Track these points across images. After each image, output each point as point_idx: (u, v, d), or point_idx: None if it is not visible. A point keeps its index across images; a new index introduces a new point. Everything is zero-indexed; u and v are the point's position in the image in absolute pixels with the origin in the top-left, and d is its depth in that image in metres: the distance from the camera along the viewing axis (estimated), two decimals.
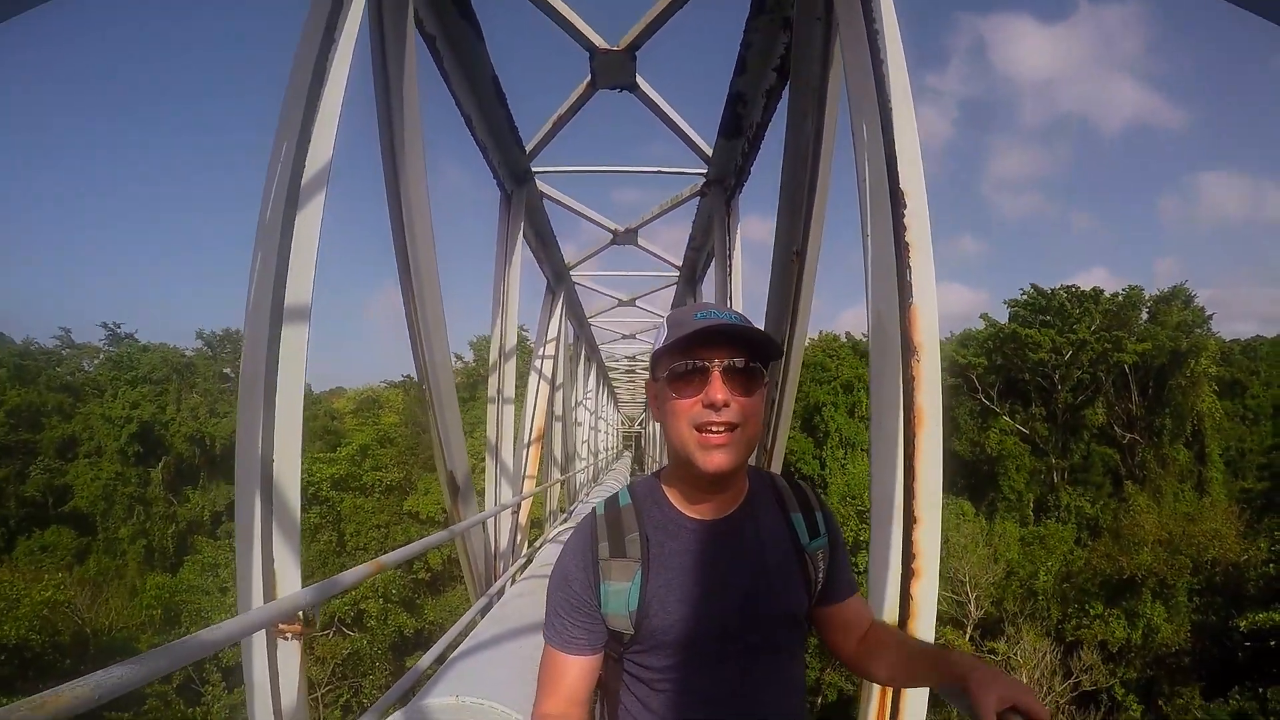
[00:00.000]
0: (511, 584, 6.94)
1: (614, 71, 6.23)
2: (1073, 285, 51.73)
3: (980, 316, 55.70)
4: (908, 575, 3.10)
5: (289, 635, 3.16)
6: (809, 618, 1.97)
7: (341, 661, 32.30)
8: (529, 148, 7.52)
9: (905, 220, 3.09)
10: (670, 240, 12.09)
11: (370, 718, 3.39)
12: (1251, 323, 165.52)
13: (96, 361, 57.88)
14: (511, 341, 8.23)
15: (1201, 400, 47.39)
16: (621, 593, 1.76)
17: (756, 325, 1.87)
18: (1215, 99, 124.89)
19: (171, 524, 48.98)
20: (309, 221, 3.28)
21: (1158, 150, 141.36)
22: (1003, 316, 53.43)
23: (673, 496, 1.86)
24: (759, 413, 1.76)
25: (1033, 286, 52.52)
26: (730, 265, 8.27)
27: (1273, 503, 42.75)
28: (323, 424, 56.51)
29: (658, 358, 1.82)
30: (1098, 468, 47.72)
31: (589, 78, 6.39)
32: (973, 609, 33.86)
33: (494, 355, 8.22)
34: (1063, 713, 29.29)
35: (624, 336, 21.91)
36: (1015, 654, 30.35)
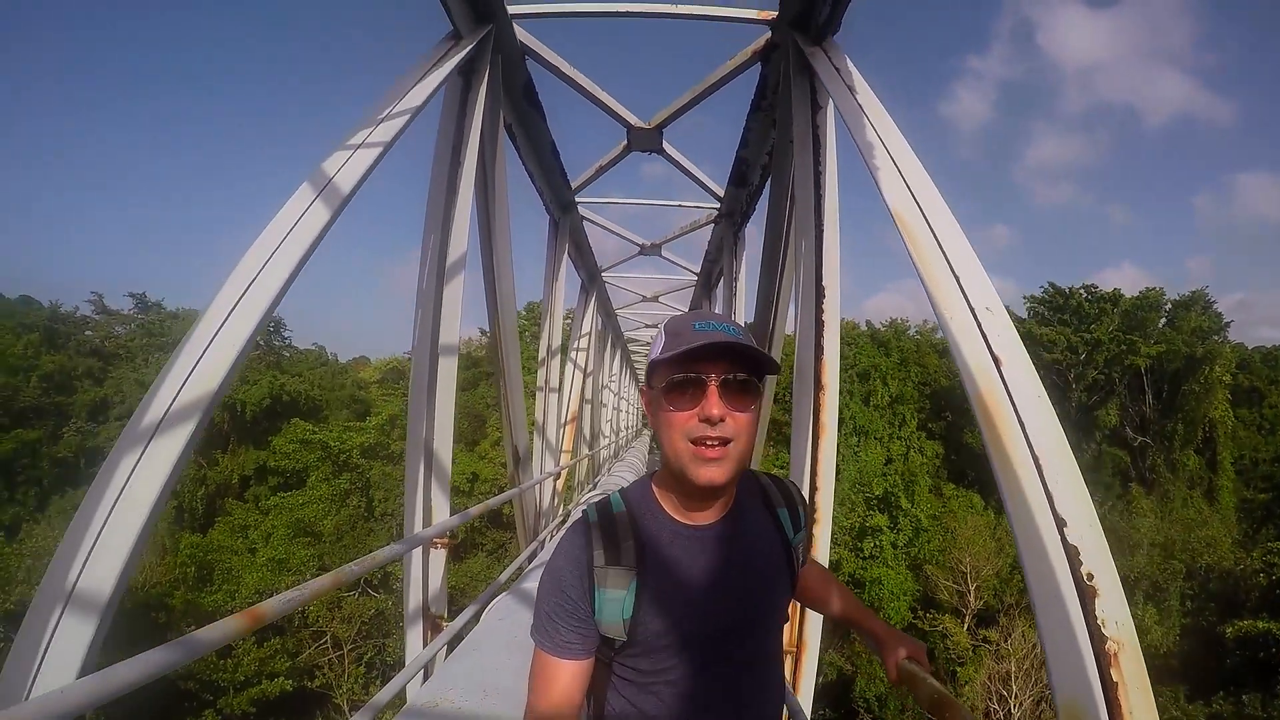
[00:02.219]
0: (550, 538, 9.09)
1: (645, 141, 8.24)
2: (1092, 285, 52.85)
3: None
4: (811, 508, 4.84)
5: (439, 546, 5.30)
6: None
7: (367, 620, 34.26)
8: (574, 184, 9.65)
9: (824, 306, 5.14)
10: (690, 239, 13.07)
11: (468, 614, 5.48)
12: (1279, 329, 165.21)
13: (129, 328, 59.83)
14: (557, 341, 10.42)
15: (1215, 407, 48.42)
16: (617, 600, 1.77)
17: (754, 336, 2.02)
18: (1260, 97, 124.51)
19: (201, 486, 50.73)
20: (452, 297, 5.40)
21: (1198, 146, 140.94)
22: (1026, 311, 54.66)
23: (665, 503, 1.87)
24: (753, 427, 1.78)
25: (1051, 284, 53.79)
26: (735, 285, 10.46)
27: (1272, 514, 43.86)
28: (349, 393, 58.64)
29: (655, 367, 1.82)
30: (1108, 469, 48.85)
31: (625, 143, 8.40)
32: (972, 599, 35.53)
33: (542, 352, 10.40)
34: (1049, 703, 30.99)
35: (646, 326, 24.22)
36: (1007, 643, 31.86)
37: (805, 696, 5.00)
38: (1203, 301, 52.20)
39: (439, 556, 5.44)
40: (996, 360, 2.83)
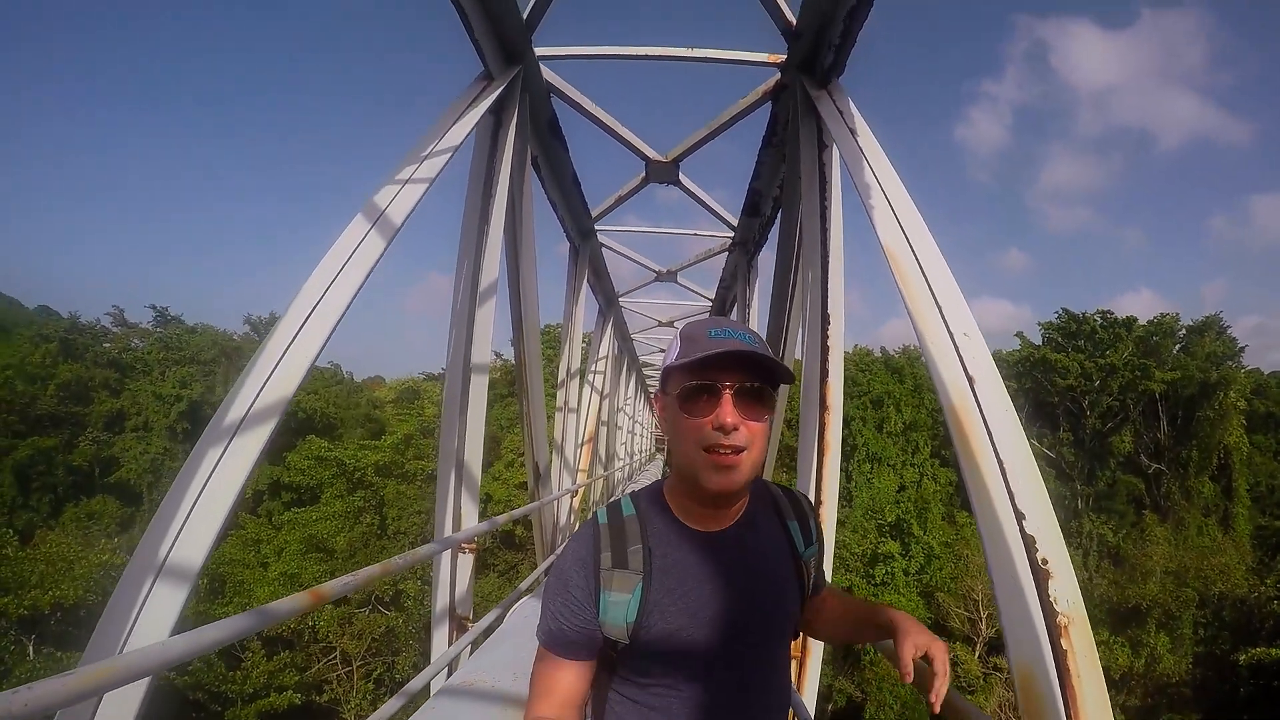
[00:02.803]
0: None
1: (662, 174, 8.70)
2: (1107, 311, 52.81)
3: (1015, 335, 56.96)
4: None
5: (466, 550, 5.72)
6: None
7: (377, 637, 34.50)
8: (594, 212, 10.12)
9: (829, 332, 5.57)
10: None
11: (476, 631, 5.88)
12: None
13: (146, 342, 60.60)
14: (576, 364, 10.88)
15: (1229, 434, 48.05)
16: (621, 604, 1.77)
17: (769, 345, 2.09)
18: (1274, 115, 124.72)
19: None
20: (484, 321, 5.84)
21: (1213, 168, 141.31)
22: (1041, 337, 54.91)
23: (675, 508, 1.88)
24: (767, 435, 1.80)
25: (1065, 310, 53.81)
26: (749, 312, 10.89)
27: None
28: (364, 411, 59.26)
29: (669, 373, 1.82)
30: (1122, 496, 48.81)
31: (643, 175, 8.85)
32: (983, 627, 35.66)
33: (561, 374, 10.86)
34: None
35: (661, 350, 24.65)
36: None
37: (809, 698, 5.36)
38: (1217, 327, 52.13)
39: (466, 561, 5.87)
40: (971, 379, 3.25)
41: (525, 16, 5.80)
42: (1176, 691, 33.57)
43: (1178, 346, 52.17)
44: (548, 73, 6.93)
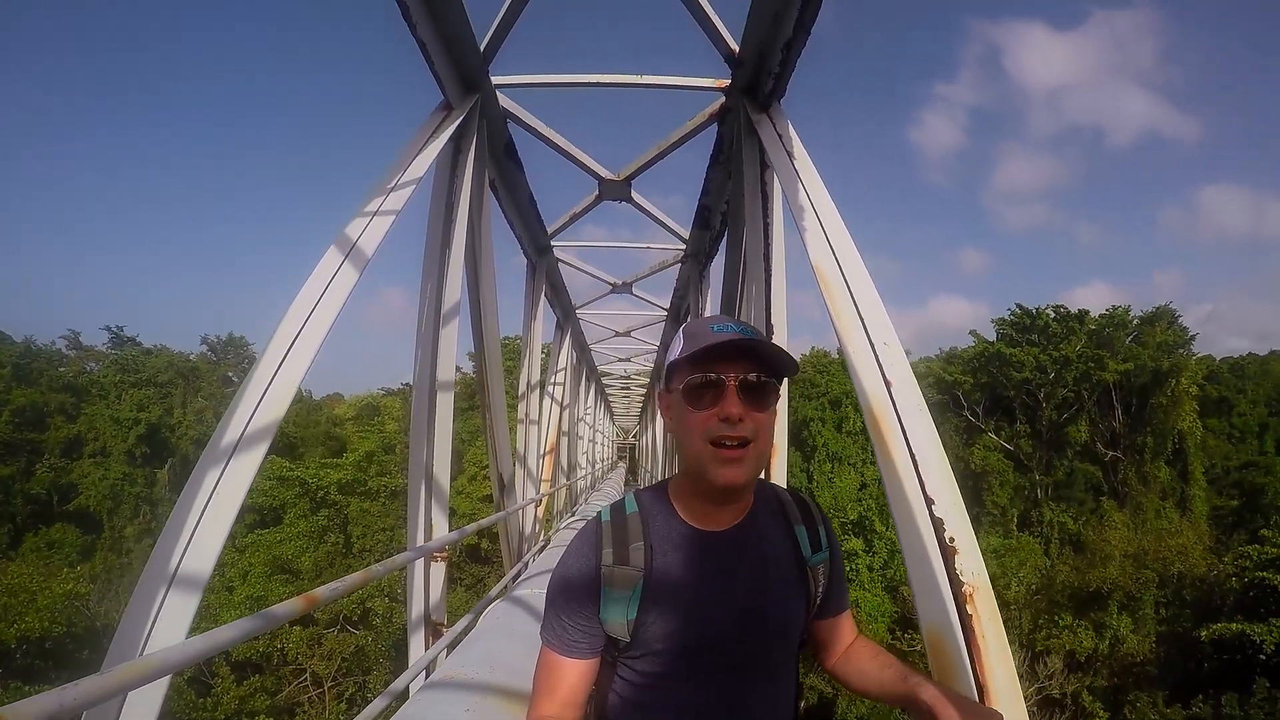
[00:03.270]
0: (533, 560, 9.83)
1: (615, 191, 9.04)
2: (1060, 305, 54.16)
3: (969, 333, 58.16)
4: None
5: (439, 559, 6.05)
6: (804, 630, 2.02)
7: (347, 657, 34.49)
8: (550, 228, 10.47)
9: (773, 341, 5.92)
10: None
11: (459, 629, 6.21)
12: (1247, 339, 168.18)
13: (102, 364, 60.09)
14: (536, 376, 11.23)
15: (1182, 419, 49.63)
16: (622, 601, 1.79)
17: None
18: (1221, 111, 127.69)
19: None
20: (447, 339, 6.18)
21: (1163, 162, 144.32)
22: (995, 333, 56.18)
23: (679, 507, 1.89)
24: (772, 427, 1.82)
25: (1019, 306, 55.12)
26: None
27: (1243, 519, 45.12)
28: (324, 430, 59.11)
29: (673, 369, 1.85)
30: (1080, 484, 50.25)
31: (597, 193, 9.21)
32: None
33: (521, 386, 11.21)
34: (1030, 715, 31.66)
35: (619, 360, 25.14)
36: None
37: None
38: (1168, 317, 53.72)
39: (439, 569, 6.19)
40: (888, 383, 3.64)
41: (482, 48, 6.11)
42: (1142, 670, 34.30)
43: (1130, 337, 53.48)
44: (504, 99, 7.21)
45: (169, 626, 3.20)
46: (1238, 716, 28.77)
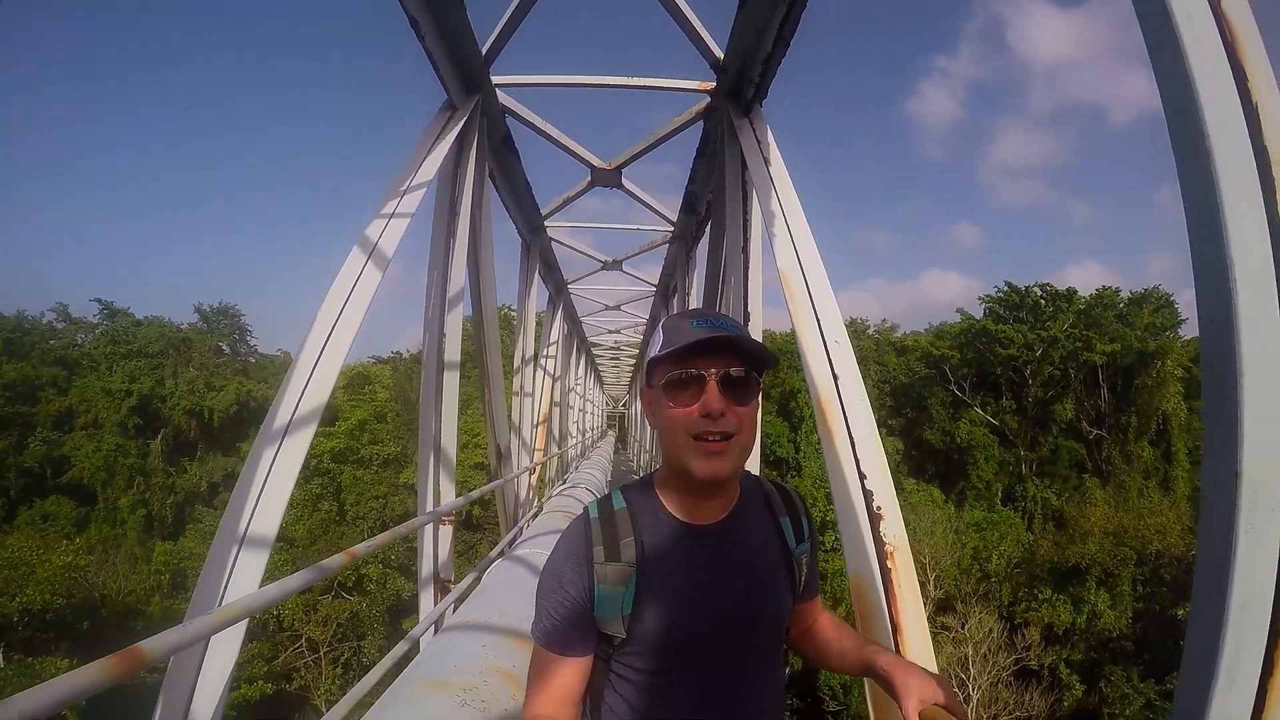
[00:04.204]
0: (528, 525, 10.51)
1: (606, 179, 9.66)
2: (1048, 284, 54.83)
3: (956, 310, 58.74)
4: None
5: (446, 522, 6.71)
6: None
7: (343, 623, 35.20)
8: (544, 210, 11.08)
9: (749, 327, 6.58)
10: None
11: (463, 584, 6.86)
12: None
13: (92, 336, 60.26)
14: (530, 350, 11.88)
15: (1167, 401, 50.32)
16: (615, 597, 1.80)
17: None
18: None
19: (170, 494, 51.65)
20: (453, 323, 6.81)
21: (1163, 141, 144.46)
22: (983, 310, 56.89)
23: (666, 501, 1.91)
24: (754, 420, 1.84)
25: (1007, 284, 55.80)
26: (688, 300, 11.97)
27: None
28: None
29: (654, 365, 1.86)
30: (1065, 461, 50.94)
31: (589, 179, 9.80)
32: (931, 589, 37.09)
33: (516, 360, 11.86)
34: (1005, 685, 32.61)
35: (610, 331, 25.93)
36: (964, 629, 33.52)
37: None
38: (1157, 298, 54.68)
39: (446, 532, 6.87)
40: (835, 376, 4.28)
41: (484, 51, 6.67)
42: (1118, 645, 35.09)
43: (1118, 318, 54.21)
44: (503, 95, 7.79)
45: (244, 578, 3.84)
46: None
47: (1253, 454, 1.80)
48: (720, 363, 1.76)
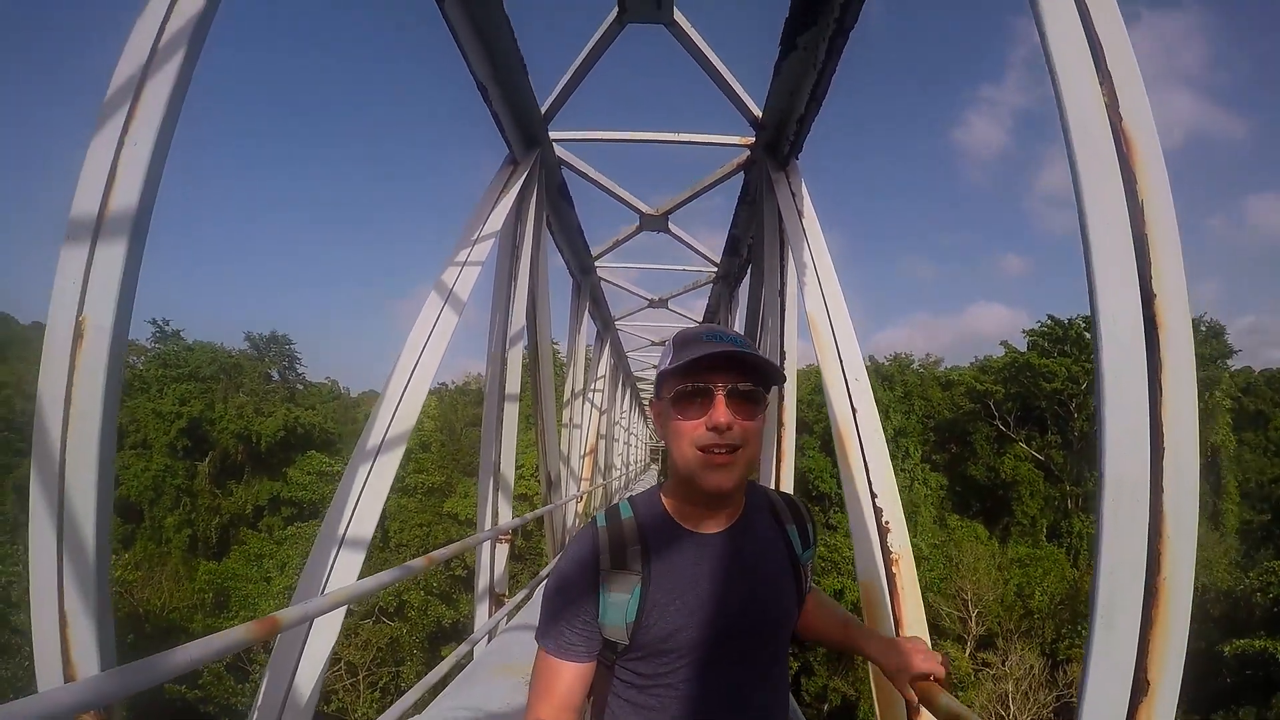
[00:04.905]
0: None
1: (654, 224, 10.40)
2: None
3: (1000, 344, 58.65)
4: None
5: (503, 540, 7.41)
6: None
7: (383, 648, 35.76)
8: (595, 251, 11.85)
9: (784, 365, 7.26)
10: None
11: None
12: None
13: (144, 358, 61.87)
14: (579, 385, 12.62)
15: (1216, 433, 49.49)
16: (620, 604, 1.82)
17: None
18: (1270, 115, 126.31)
19: (215, 515, 52.70)
20: (514, 359, 7.55)
21: (1212, 168, 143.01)
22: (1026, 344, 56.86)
23: (673, 510, 1.94)
24: (760, 434, 1.86)
25: (1050, 317, 55.62)
26: None
27: (1272, 534, 45.38)
28: (362, 426, 60.33)
29: (663, 378, 1.90)
30: None
31: (638, 224, 10.49)
32: (973, 625, 37.18)
33: (566, 394, 12.59)
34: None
35: (654, 367, 26.64)
36: (1004, 665, 33.83)
37: None
38: (1206, 327, 53.98)
39: (502, 549, 7.57)
40: (854, 409, 4.98)
41: (544, 110, 7.43)
42: None
43: None
44: (559, 150, 8.54)
45: (343, 573, 4.55)
46: None
47: (1112, 459, 2.44)
48: (728, 377, 1.81)
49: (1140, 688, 2.38)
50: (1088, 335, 53.44)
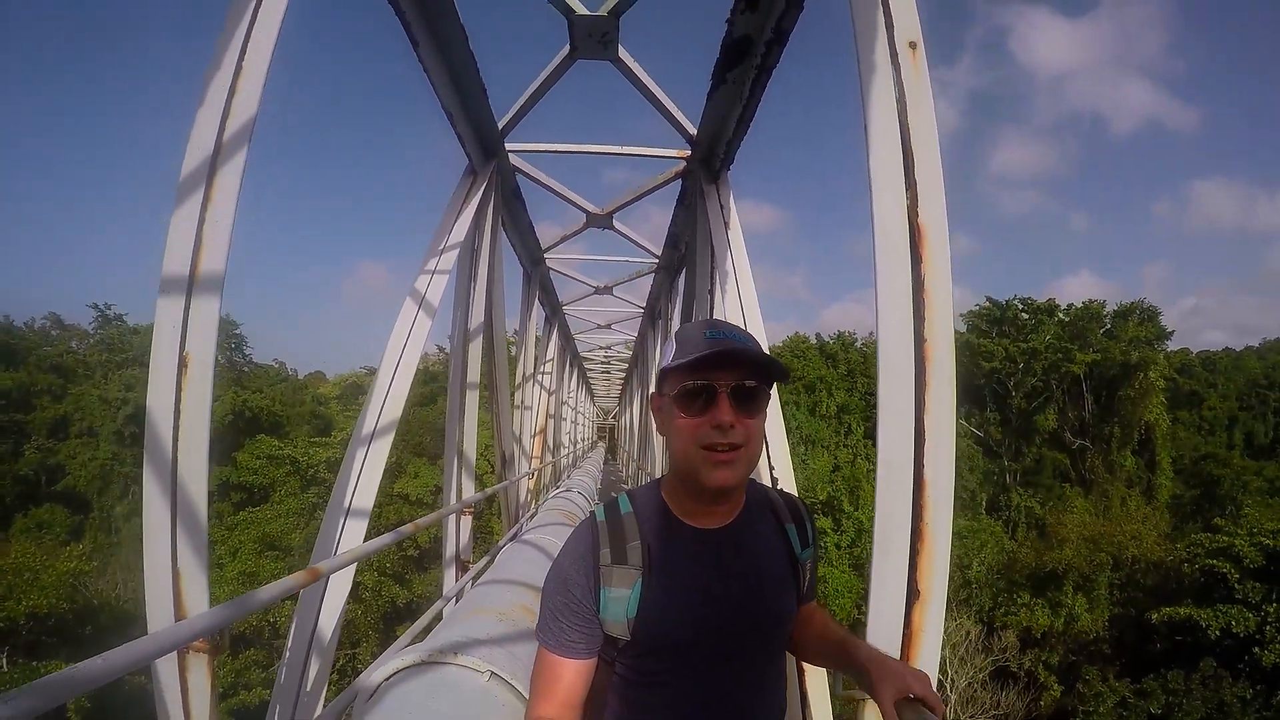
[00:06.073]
0: (526, 524, 12.19)
1: (599, 222, 11.33)
2: (1028, 298, 56.94)
3: None
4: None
5: (465, 513, 8.41)
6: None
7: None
8: (545, 246, 12.79)
9: None
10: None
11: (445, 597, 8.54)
12: (1226, 333, 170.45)
13: (87, 343, 61.44)
14: (530, 368, 13.67)
15: (1150, 411, 52.22)
16: (621, 600, 1.84)
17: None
18: (1220, 103, 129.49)
19: None
20: (474, 352, 8.51)
21: (1160, 153, 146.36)
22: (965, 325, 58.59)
23: (673, 506, 1.96)
24: (762, 432, 1.91)
25: (988, 299, 58.06)
26: (670, 325, 13.72)
27: (1201, 509, 47.49)
28: (310, 409, 60.63)
29: (665, 374, 1.90)
30: (1048, 471, 53.03)
31: (584, 222, 11.47)
32: None
33: (518, 377, 13.57)
34: (982, 686, 34.24)
35: (601, 348, 27.87)
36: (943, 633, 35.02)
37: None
38: (1141, 311, 56.69)
39: (466, 521, 8.54)
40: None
41: (500, 126, 8.28)
42: (1096, 648, 36.33)
43: (1103, 330, 56.21)
44: (514, 158, 9.40)
45: (351, 538, 5.50)
46: (1181, 690, 30.66)
47: (885, 441, 3.30)
48: (732, 375, 1.81)
49: (913, 595, 3.23)
50: (1025, 317, 55.57)
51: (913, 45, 3.56)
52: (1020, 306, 56.67)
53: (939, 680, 33.09)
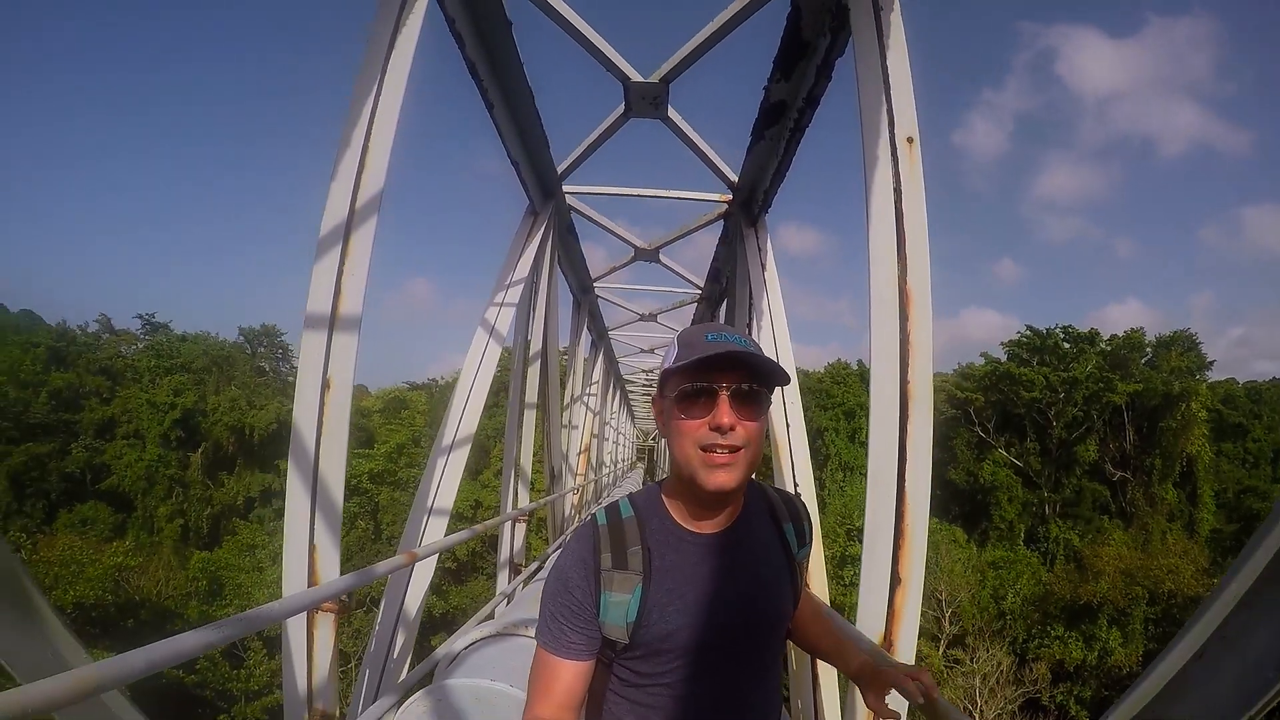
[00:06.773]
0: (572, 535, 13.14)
1: (647, 255, 12.27)
2: (1069, 326, 56.70)
3: (980, 355, 60.73)
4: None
5: (520, 521, 9.34)
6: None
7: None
8: (594, 275, 13.76)
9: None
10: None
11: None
12: (1276, 363, 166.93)
13: (136, 349, 63.22)
14: (577, 390, 14.62)
15: (1192, 443, 51.46)
16: (622, 604, 1.86)
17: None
18: (1271, 127, 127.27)
19: (207, 506, 54.68)
20: (532, 376, 9.46)
21: (1208, 179, 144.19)
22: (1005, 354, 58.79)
23: (673, 509, 1.96)
24: (762, 435, 1.87)
25: (1028, 328, 57.87)
26: None
27: (1240, 543, 47.02)
28: (353, 421, 61.41)
29: (667, 376, 1.91)
30: (1088, 503, 52.46)
31: (632, 255, 12.42)
32: (947, 624, 38.94)
33: (567, 398, 14.57)
34: (1011, 717, 34.47)
35: (643, 371, 28.96)
36: (973, 662, 35.83)
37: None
38: (1184, 341, 56.35)
39: (520, 528, 9.45)
40: (788, 424, 6.87)
41: (560, 170, 9.20)
42: (1129, 683, 36.59)
43: (1145, 360, 55.84)
44: (570, 198, 10.28)
45: (434, 532, 6.38)
46: None
47: (874, 458, 4.13)
48: (733, 377, 1.82)
49: (895, 581, 4.01)
50: (1066, 346, 55.47)
51: (910, 140, 4.35)
52: (1062, 335, 56.53)
53: (966, 707, 33.68)
